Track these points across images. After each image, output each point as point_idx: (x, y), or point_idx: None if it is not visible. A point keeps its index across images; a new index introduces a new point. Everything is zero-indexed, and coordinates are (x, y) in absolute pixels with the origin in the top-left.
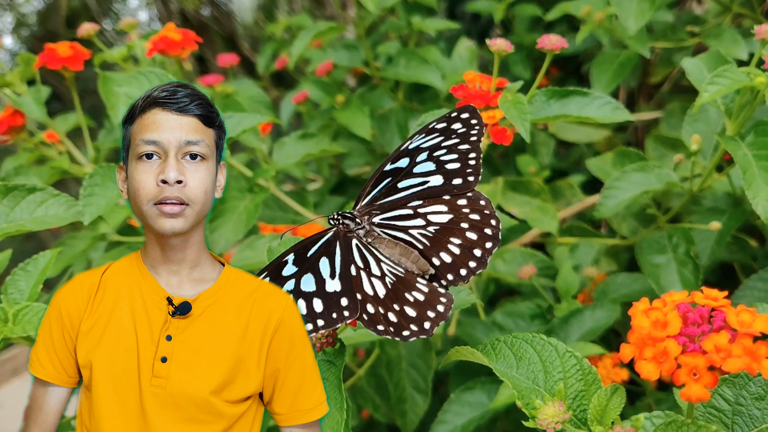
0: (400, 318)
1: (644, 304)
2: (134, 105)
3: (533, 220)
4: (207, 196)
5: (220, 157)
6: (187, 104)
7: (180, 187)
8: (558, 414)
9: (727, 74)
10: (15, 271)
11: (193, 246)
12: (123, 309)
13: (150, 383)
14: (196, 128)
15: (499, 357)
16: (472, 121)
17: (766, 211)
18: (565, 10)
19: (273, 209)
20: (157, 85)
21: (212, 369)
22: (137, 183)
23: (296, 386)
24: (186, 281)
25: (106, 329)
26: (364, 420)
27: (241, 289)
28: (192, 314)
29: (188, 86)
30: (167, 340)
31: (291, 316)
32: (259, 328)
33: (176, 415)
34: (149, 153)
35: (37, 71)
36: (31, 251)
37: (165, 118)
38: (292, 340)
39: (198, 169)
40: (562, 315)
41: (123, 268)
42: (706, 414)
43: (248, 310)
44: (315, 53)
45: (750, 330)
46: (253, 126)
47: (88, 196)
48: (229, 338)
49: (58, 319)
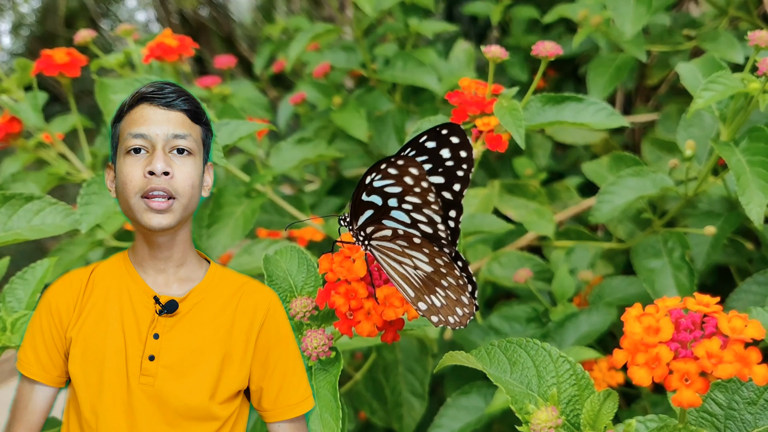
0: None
1: (637, 309)
2: (122, 104)
3: (529, 223)
4: (194, 191)
5: (208, 157)
6: (174, 99)
7: (167, 179)
8: (551, 419)
9: (721, 80)
10: (13, 279)
11: (179, 244)
12: (111, 308)
13: (138, 381)
14: (183, 122)
15: (493, 362)
16: (461, 153)
17: (759, 217)
18: (562, 13)
19: (270, 213)
20: (144, 83)
21: (199, 366)
22: (124, 176)
23: (282, 381)
24: (173, 280)
25: (95, 328)
26: (362, 423)
27: (227, 287)
28: (179, 312)
29: (175, 84)
30: (155, 338)
31: (276, 311)
32: (244, 325)
33: (165, 413)
34: (137, 147)
35: (33, 77)
36: (31, 253)
37: (152, 113)
38: (278, 336)
39: (185, 163)
40: (558, 319)
41: (111, 267)
42: (699, 418)
43: (234, 306)
44: (312, 55)
45: (741, 336)
46: (249, 133)
47: (85, 204)
48: (215, 335)
49: (48, 316)
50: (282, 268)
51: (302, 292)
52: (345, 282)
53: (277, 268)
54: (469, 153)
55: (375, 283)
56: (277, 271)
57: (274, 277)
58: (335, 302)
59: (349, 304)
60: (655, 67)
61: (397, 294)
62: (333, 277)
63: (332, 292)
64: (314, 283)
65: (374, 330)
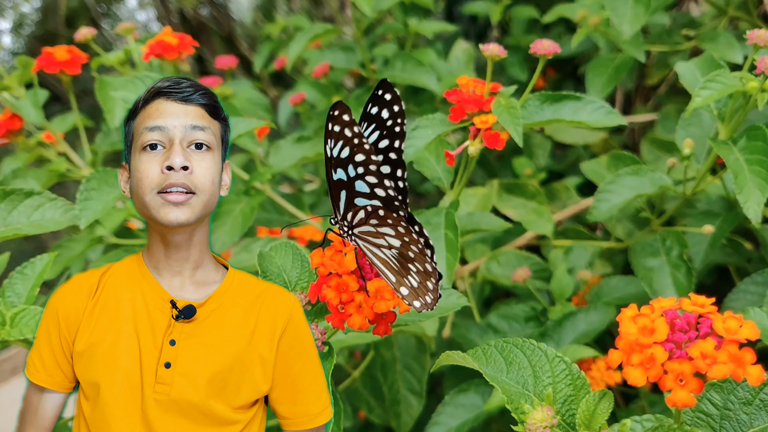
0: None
1: (632, 310)
2: (137, 101)
3: (528, 222)
4: (214, 187)
5: (226, 155)
6: (191, 94)
7: (186, 174)
8: (546, 419)
9: (719, 79)
10: (12, 274)
11: (196, 245)
12: (124, 312)
13: (153, 389)
14: (202, 116)
15: (489, 361)
16: (394, 108)
17: (756, 215)
18: (561, 13)
19: (269, 212)
20: (160, 78)
21: (217, 375)
22: (140, 173)
23: (304, 390)
24: (189, 283)
25: (106, 332)
26: (360, 421)
27: (247, 293)
28: (197, 318)
29: (191, 79)
30: (171, 344)
31: (297, 319)
32: (266, 332)
33: (181, 422)
34: (153, 143)
35: (34, 74)
36: (32, 250)
37: (169, 106)
38: (300, 345)
39: (204, 158)
40: (556, 318)
41: (124, 270)
42: (694, 418)
43: (256, 314)
44: (312, 54)
45: (736, 337)
46: (248, 130)
47: (85, 200)
48: (236, 343)
49: (56, 323)
50: (276, 264)
51: (296, 287)
52: (336, 275)
53: (272, 264)
54: (400, 107)
55: (366, 276)
56: (271, 267)
57: (269, 273)
58: (326, 295)
59: (340, 297)
60: (654, 67)
61: (388, 287)
62: (324, 270)
63: (323, 285)
64: (308, 278)
65: (365, 323)
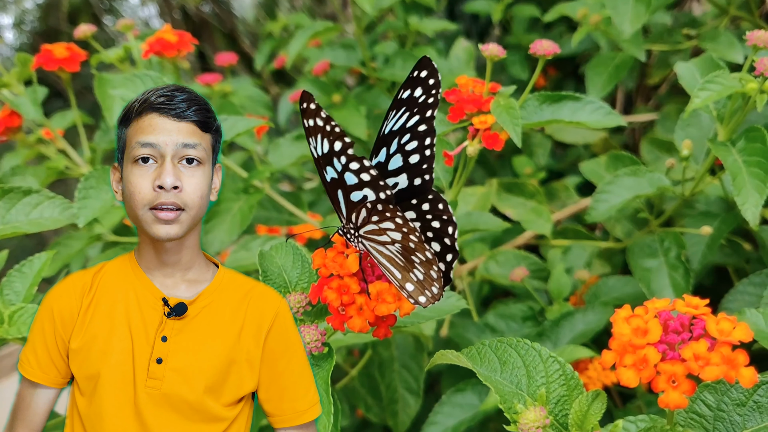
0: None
1: (626, 311)
2: (130, 106)
3: (527, 222)
4: (203, 201)
5: (216, 159)
6: (185, 110)
7: (176, 193)
8: (538, 419)
9: (718, 80)
10: (10, 272)
11: (187, 249)
12: (118, 310)
13: (145, 384)
14: (194, 132)
15: (483, 361)
16: (430, 81)
17: (755, 217)
18: (562, 12)
19: (268, 210)
20: (154, 88)
21: (207, 370)
22: (132, 187)
23: (290, 387)
24: (180, 282)
25: (100, 329)
26: (358, 419)
27: (236, 291)
28: (188, 315)
29: (186, 90)
30: (163, 341)
31: (284, 317)
32: (252, 329)
33: (171, 417)
34: (145, 156)
35: (34, 72)
36: (32, 247)
37: (162, 123)
38: (286, 342)
39: (194, 174)
40: (554, 318)
41: (116, 268)
42: (688, 419)
43: (243, 310)
44: (313, 52)
45: (729, 339)
46: (247, 129)
47: (83, 198)
48: (224, 339)
49: (51, 321)
50: (277, 264)
51: (296, 287)
52: (338, 277)
53: (272, 263)
54: (436, 79)
55: (368, 278)
56: (271, 266)
57: (269, 273)
58: (327, 297)
59: (342, 299)
60: (655, 67)
61: (389, 290)
62: (326, 272)
63: (325, 287)
64: (308, 278)
65: (366, 325)
